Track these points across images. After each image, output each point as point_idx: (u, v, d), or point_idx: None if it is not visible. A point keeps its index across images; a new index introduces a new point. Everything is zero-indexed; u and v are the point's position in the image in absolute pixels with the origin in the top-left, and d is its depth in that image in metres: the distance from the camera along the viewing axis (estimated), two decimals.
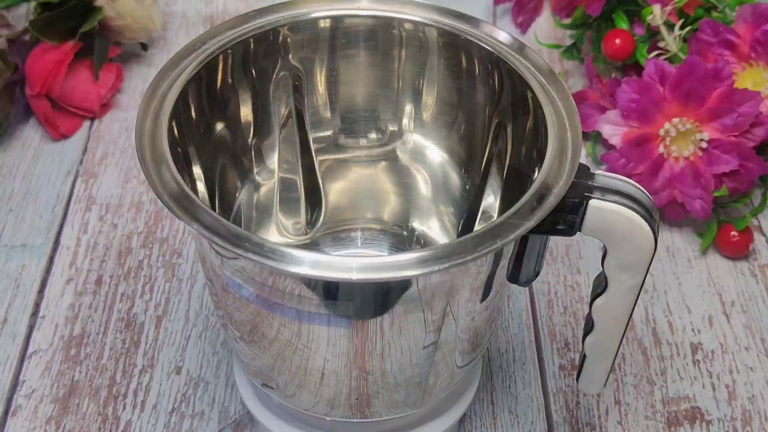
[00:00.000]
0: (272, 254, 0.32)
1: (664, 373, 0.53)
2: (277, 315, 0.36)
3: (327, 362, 0.38)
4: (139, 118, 0.37)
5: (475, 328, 0.40)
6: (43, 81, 0.63)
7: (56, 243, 0.59)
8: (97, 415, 0.50)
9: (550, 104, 0.39)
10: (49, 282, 0.56)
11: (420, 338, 0.38)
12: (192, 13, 0.77)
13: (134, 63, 0.72)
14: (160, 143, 0.36)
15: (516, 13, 0.76)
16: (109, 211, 0.61)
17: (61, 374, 0.52)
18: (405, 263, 0.32)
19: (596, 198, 0.36)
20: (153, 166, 0.35)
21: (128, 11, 0.67)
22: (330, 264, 0.32)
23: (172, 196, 0.34)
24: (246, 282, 0.36)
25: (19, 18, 0.73)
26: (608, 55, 0.65)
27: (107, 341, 0.53)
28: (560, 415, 0.51)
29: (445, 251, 0.32)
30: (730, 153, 0.57)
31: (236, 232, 0.33)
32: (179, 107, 0.39)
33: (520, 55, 0.41)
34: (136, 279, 0.57)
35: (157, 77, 0.39)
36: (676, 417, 0.51)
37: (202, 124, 0.42)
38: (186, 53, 0.40)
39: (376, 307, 0.36)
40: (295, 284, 0.34)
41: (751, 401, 0.52)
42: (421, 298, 0.35)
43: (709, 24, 0.61)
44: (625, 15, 0.66)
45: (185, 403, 0.51)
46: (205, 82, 0.41)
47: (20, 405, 0.50)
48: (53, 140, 0.66)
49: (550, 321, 0.55)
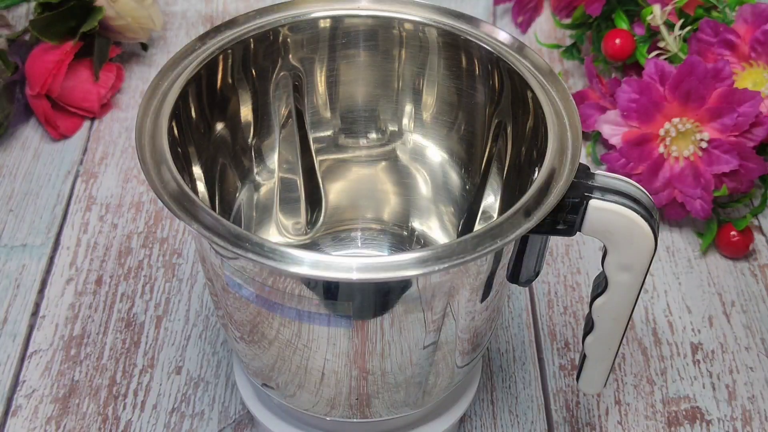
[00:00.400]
0: (272, 254, 0.32)
1: (664, 373, 0.53)
2: (277, 315, 0.36)
3: (327, 362, 0.38)
4: (139, 118, 0.37)
5: (475, 328, 0.40)
6: (43, 81, 0.63)
7: (56, 243, 0.59)
8: (97, 415, 0.50)
9: (550, 104, 0.39)
10: (49, 282, 0.56)
11: (420, 338, 0.38)
12: (192, 13, 0.77)
13: (134, 63, 0.72)
14: (160, 143, 0.36)
15: (516, 13, 0.76)
16: (109, 211, 0.61)
17: (61, 374, 0.52)
18: (405, 263, 0.32)
19: (596, 198, 0.36)
20: (153, 166, 0.35)
21: (128, 11, 0.67)
22: (330, 264, 0.32)
23: (172, 196, 0.34)
24: (246, 282, 0.36)
25: (19, 18, 0.73)
26: (608, 55, 0.65)
27: (107, 341, 0.53)
28: (560, 415, 0.51)
29: (445, 251, 0.32)
30: (730, 153, 0.57)
31: (236, 232, 0.33)
32: (179, 107, 0.39)
33: (520, 55, 0.41)
34: (136, 279, 0.57)
35: (157, 77, 0.39)
36: (676, 417, 0.51)
37: (202, 124, 0.42)
38: (186, 53, 0.40)
39: (376, 307, 0.36)
40: (295, 284, 0.34)
41: (751, 401, 0.52)
42: (421, 298, 0.35)
43: (709, 24, 0.61)
44: (625, 15, 0.66)
45: (185, 403, 0.51)
46: (205, 82, 0.41)
47: (20, 405, 0.50)
48: (53, 140, 0.66)
49: (550, 321, 0.55)
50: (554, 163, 0.36)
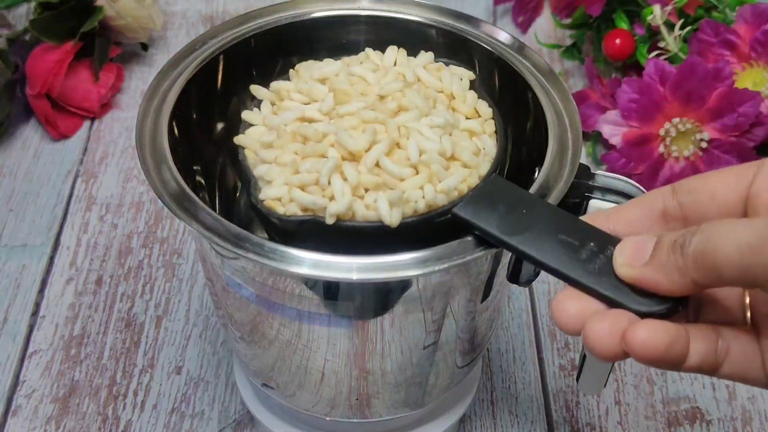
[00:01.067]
0: (272, 254, 0.32)
1: (665, 373, 0.53)
2: (277, 315, 0.36)
3: (327, 362, 0.38)
4: (139, 118, 0.37)
5: (475, 328, 0.40)
6: (44, 81, 0.63)
7: (56, 243, 0.59)
8: (97, 415, 0.50)
9: (551, 105, 0.39)
10: (49, 282, 0.56)
11: (420, 338, 0.38)
12: (192, 13, 0.77)
13: (134, 63, 0.72)
14: (161, 143, 0.36)
15: (516, 13, 0.76)
16: (110, 211, 0.61)
17: (61, 374, 0.52)
18: (405, 263, 0.32)
19: (596, 198, 0.36)
20: (153, 165, 0.35)
21: (128, 11, 0.67)
22: (330, 264, 0.32)
23: (173, 196, 0.34)
24: (246, 282, 0.36)
25: (19, 18, 0.73)
26: (608, 55, 0.65)
27: (107, 341, 0.53)
28: (560, 415, 0.51)
29: (445, 251, 0.32)
30: (730, 153, 0.57)
31: (236, 232, 0.33)
32: (180, 107, 0.39)
33: (520, 55, 0.41)
34: (137, 279, 0.57)
35: (158, 77, 0.39)
36: (676, 417, 0.51)
37: (203, 124, 0.42)
38: (186, 53, 0.40)
39: (376, 307, 0.36)
40: (295, 284, 0.34)
41: (751, 401, 0.52)
42: (421, 298, 0.35)
43: (710, 24, 0.61)
44: (625, 15, 0.66)
45: (185, 403, 0.51)
46: (206, 82, 0.41)
47: (20, 405, 0.50)
48: (53, 140, 0.66)
49: (550, 321, 0.55)
50: (554, 163, 0.36)
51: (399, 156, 0.35)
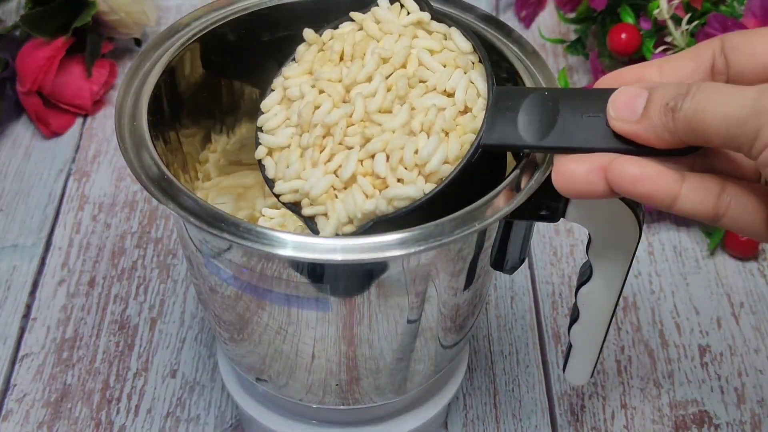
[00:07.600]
0: (248, 234, 0.32)
1: (672, 375, 0.52)
2: (257, 299, 0.36)
3: (309, 347, 0.37)
4: (119, 98, 0.37)
5: (457, 312, 0.39)
6: (35, 77, 0.62)
7: (48, 243, 0.58)
8: (90, 419, 0.49)
9: (533, 82, 0.38)
10: (40, 283, 0.55)
11: (402, 322, 0.37)
12: (186, 8, 0.76)
13: (127, 59, 0.71)
14: (140, 124, 0.36)
15: (519, 7, 0.75)
16: (102, 210, 0.60)
17: (53, 378, 0.50)
18: (383, 244, 0.31)
19: None
20: (132, 146, 0.35)
21: (122, 6, 0.66)
22: (314, 246, 0.31)
23: (150, 177, 0.34)
24: (225, 265, 0.35)
25: (9, 13, 0.72)
26: (614, 50, 0.64)
27: (100, 344, 0.52)
28: (565, 419, 0.50)
29: (423, 233, 0.32)
30: None
31: (213, 212, 0.32)
32: (161, 88, 0.38)
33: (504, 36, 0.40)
34: (130, 280, 0.56)
35: (140, 57, 0.39)
36: (683, 421, 0.50)
37: (186, 105, 0.41)
38: (170, 34, 0.40)
39: (356, 288, 0.35)
40: (275, 266, 0.34)
41: (760, 405, 0.51)
42: (403, 280, 0.35)
43: (717, 18, 0.59)
44: (630, 9, 0.65)
45: (180, 407, 0.50)
46: (189, 63, 0.40)
47: (11, 409, 0.49)
48: (45, 138, 0.65)
49: (554, 323, 0.54)
50: None
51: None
